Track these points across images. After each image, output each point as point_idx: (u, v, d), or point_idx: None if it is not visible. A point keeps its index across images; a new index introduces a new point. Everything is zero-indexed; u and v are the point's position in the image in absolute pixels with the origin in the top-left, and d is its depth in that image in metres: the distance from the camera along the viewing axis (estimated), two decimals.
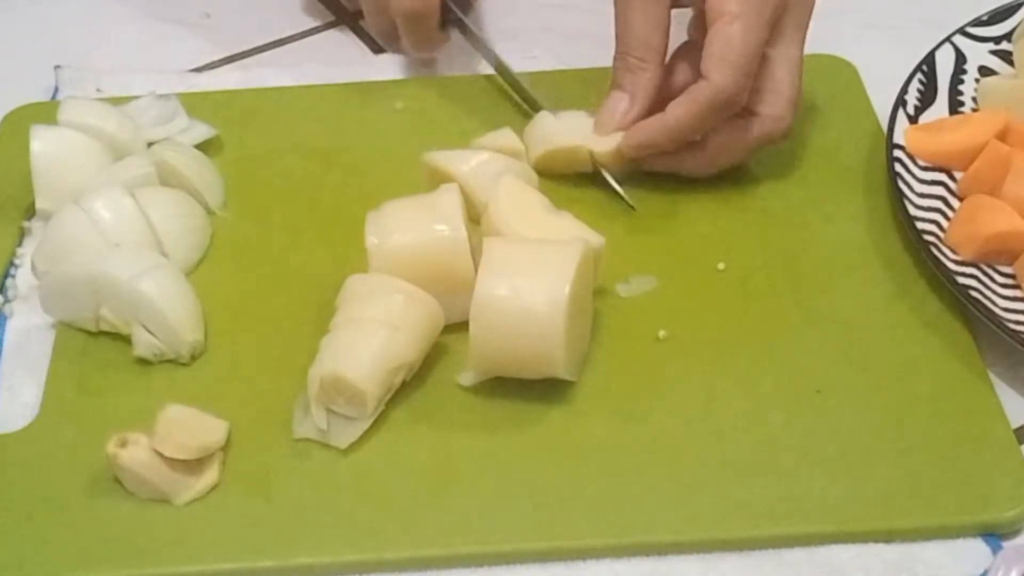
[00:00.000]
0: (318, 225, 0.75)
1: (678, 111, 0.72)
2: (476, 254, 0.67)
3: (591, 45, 0.86)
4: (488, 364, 0.65)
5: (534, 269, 0.64)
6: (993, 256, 0.71)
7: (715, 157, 0.75)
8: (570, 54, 0.86)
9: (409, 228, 0.68)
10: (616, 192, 0.76)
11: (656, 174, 0.77)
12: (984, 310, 0.68)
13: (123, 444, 0.62)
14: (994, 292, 0.70)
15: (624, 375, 0.68)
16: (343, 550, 0.61)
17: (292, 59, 0.88)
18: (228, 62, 0.88)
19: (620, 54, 0.75)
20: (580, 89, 0.80)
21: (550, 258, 0.65)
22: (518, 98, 0.82)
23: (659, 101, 0.74)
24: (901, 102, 0.78)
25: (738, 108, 0.72)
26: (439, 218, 0.67)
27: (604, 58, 0.79)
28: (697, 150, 0.75)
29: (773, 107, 0.73)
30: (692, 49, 0.75)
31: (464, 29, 0.84)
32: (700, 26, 0.74)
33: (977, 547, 0.62)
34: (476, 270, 0.65)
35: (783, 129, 0.74)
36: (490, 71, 0.85)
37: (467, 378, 0.67)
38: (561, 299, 0.63)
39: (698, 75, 0.71)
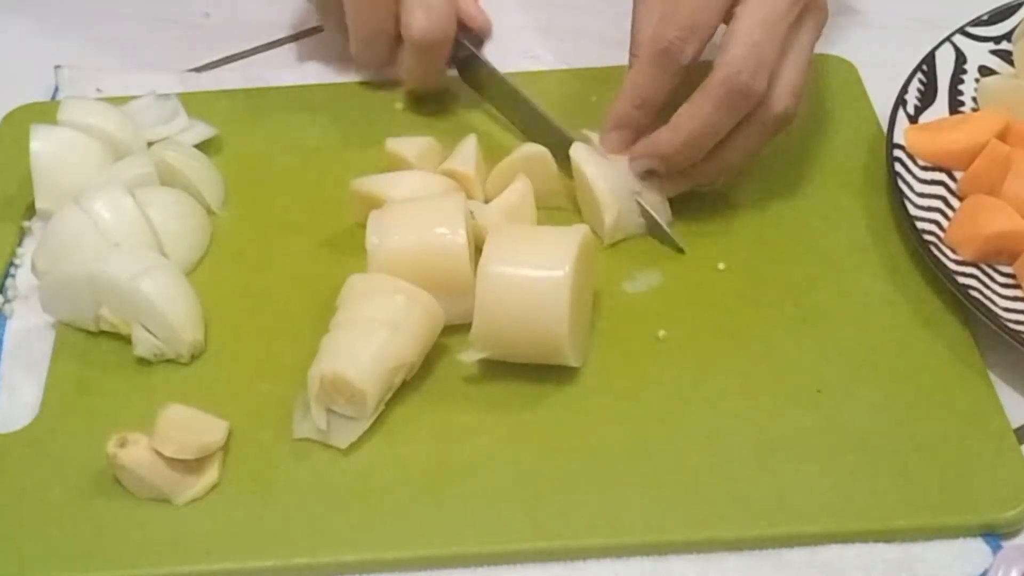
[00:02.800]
0: (318, 225, 0.75)
1: (692, 107, 0.68)
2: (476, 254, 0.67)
3: (591, 45, 0.86)
4: (492, 338, 0.65)
5: (539, 242, 0.65)
6: (993, 256, 0.71)
7: (729, 157, 0.71)
8: (570, 54, 0.86)
9: (410, 229, 0.68)
10: (666, 234, 0.73)
11: None
12: (984, 310, 0.68)
13: (123, 444, 0.62)
14: (994, 292, 0.70)
15: (624, 375, 0.68)
16: (343, 550, 0.61)
17: (292, 59, 0.88)
18: (228, 62, 0.88)
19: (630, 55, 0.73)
20: (581, 89, 0.80)
21: (554, 235, 0.66)
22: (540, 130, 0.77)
23: None
24: (901, 102, 0.78)
25: (756, 98, 0.68)
26: (441, 220, 0.67)
27: (604, 58, 0.79)
28: (711, 154, 0.71)
29: (780, 91, 0.69)
30: None
31: (474, 65, 0.81)
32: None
33: (977, 547, 0.62)
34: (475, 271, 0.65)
35: (790, 116, 0.71)
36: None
37: (470, 355, 0.66)
38: (568, 257, 0.64)
39: None
